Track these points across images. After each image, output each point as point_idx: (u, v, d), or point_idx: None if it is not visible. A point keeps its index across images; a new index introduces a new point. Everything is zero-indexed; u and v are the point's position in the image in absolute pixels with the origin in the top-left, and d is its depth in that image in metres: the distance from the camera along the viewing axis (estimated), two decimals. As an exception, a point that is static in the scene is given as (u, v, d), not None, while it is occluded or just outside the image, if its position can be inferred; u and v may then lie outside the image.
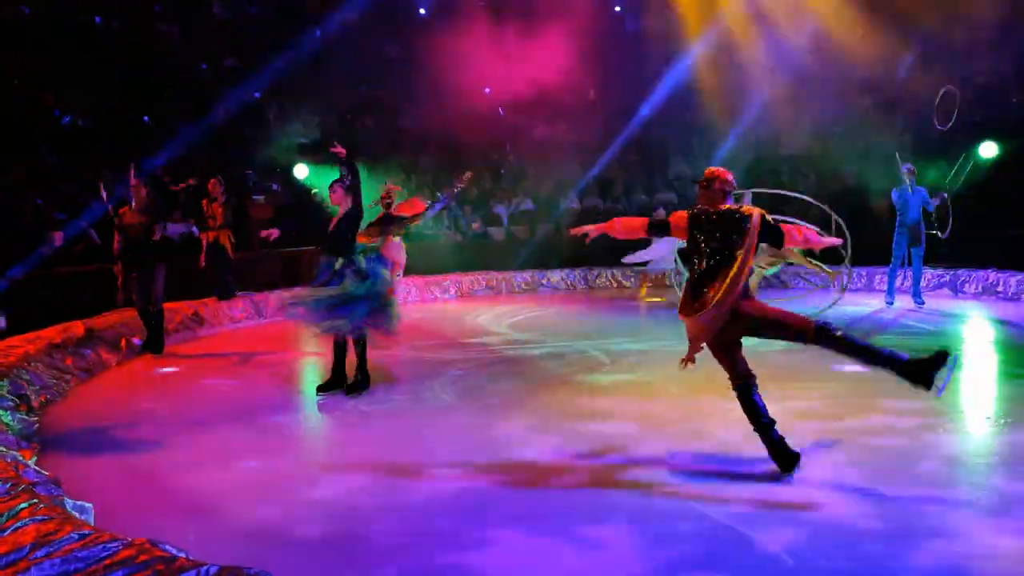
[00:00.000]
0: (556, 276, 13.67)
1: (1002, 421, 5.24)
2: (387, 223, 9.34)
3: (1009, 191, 11.83)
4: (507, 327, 9.63)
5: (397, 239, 10.11)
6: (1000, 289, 10.87)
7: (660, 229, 4.52)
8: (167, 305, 8.46)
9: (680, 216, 4.37)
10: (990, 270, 11.12)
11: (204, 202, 10.20)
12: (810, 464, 4.32)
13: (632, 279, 13.66)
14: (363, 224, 6.60)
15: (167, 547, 2.76)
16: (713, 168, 4.39)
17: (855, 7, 13.70)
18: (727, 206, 4.27)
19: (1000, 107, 13.29)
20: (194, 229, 9.06)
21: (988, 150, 12.07)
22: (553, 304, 11.71)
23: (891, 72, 14.21)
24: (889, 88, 14.43)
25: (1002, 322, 9.18)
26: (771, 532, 3.50)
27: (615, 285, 13.58)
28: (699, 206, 4.30)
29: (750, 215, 4.17)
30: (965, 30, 12.53)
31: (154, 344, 8.08)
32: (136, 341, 8.06)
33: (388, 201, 10.32)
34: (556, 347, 8.15)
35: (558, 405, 5.87)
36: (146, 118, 13.44)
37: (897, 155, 10.26)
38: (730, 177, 4.32)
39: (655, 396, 6.08)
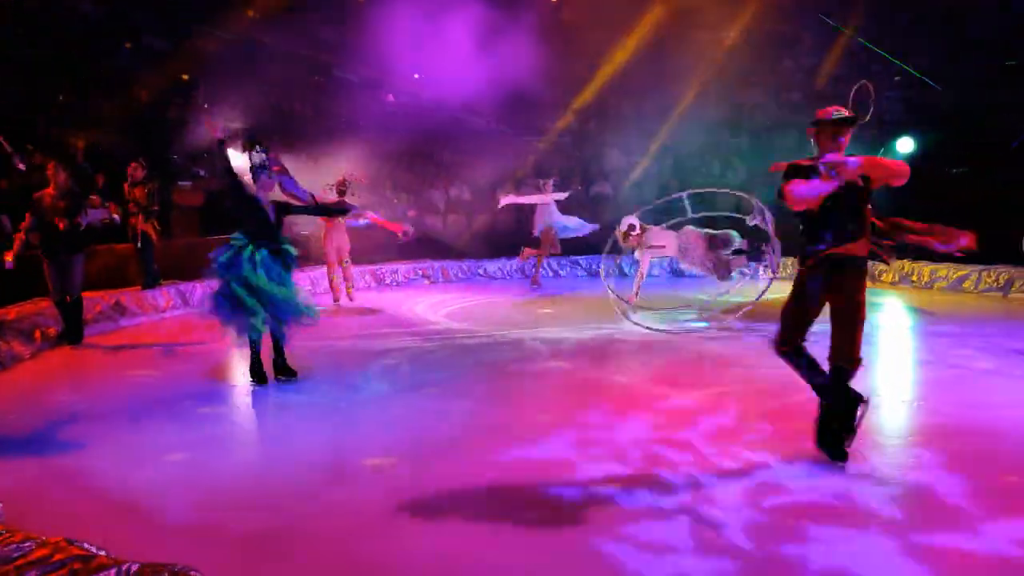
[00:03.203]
0: (492, 266, 13.67)
1: (916, 404, 5.52)
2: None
3: (923, 185, 12.39)
4: (443, 316, 9.58)
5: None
6: (915, 278, 11.48)
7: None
8: (86, 294, 8.10)
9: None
10: (905, 259, 11.70)
11: (125, 186, 9.78)
12: (755, 447, 4.45)
13: (568, 268, 13.77)
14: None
15: (84, 545, 2.64)
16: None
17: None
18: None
19: (917, 104, 13.91)
20: (115, 217, 8.66)
21: (904, 145, 12.63)
22: (489, 293, 11.71)
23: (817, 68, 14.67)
24: (814, 84, 14.91)
25: (916, 309, 9.66)
26: (719, 514, 3.59)
27: (551, 274, 13.66)
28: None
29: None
30: (886, 29, 13.08)
31: (72, 335, 7.73)
32: (53, 332, 7.69)
33: (343, 188, 10.18)
34: (492, 336, 8.16)
35: (494, 394, 5.87)
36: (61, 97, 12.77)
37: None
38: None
39: (592, 385, 6.15)
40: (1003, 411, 5.19)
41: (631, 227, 9.40)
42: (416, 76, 15.44)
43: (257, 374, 6.11)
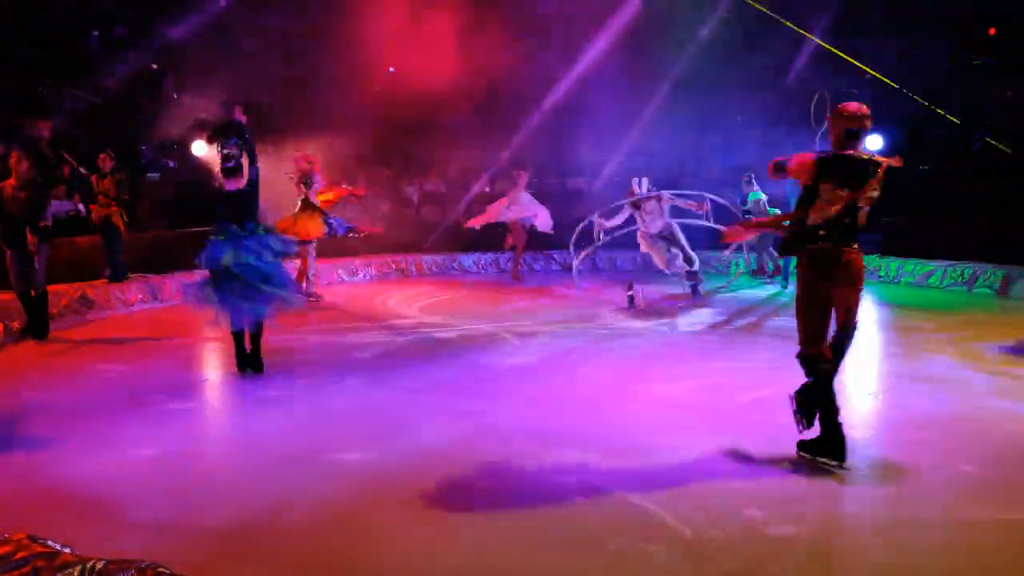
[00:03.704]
0: (467, 260, 13.64)
1: (880, 396, 5.63)
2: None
3: (889, 182, 12.61)
4: (417, 310, 9.55)
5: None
6: (882, 273, 11.70)
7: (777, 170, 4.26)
8: (51, 287, 7.95)
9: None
10: (873, 255, 11.91)
11: (94, 178, 9.61)
12: (705, 438, 4.52)
13: (542, 261, 13.80)
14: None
15: (48, 542, 2.60)
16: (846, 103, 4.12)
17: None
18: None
19: (884, 102, 14.12)
20: (80, 207, 8.50)
21: (873, 143, 12.82)
22: (463, 287, 11.69)
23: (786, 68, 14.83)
24: (785, 83, 15.07)
25: (882, 303, 9.83)
26: (665, 502, 3.64)
27: (525, 268, 13.66)
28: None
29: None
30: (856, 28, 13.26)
31: (37, 329, 7.59)
32: (16, 326, 7.54)
33: (307, 169, 10.01)
34: (466, 330, 8.15)
35: (468, 387, 5.88)
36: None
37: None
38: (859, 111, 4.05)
39: (564, 377, 6.18)
40: (965, 403, 5.31)
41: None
42: (391, 70, 15.32)
43: (241, 362, 6.17)
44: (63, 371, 6.58)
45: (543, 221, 12.09)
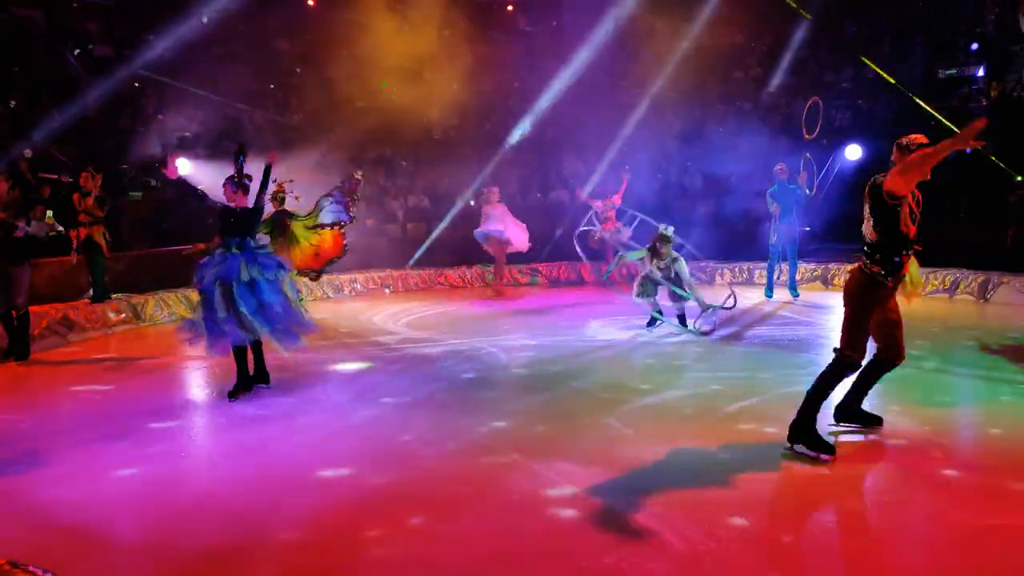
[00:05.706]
0: (453, 274, 13.63)
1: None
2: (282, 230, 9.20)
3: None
4: (403, 326, 9.52)
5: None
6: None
7: None
8: (33, 308, 7.85)
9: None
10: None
11: (75, 196, 9.51)
12: (694, 448, 4.53)
13: (529, 275, 13.82)
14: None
15: (30, 568, 2.55)
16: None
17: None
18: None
19: (864, 112, 14.32)
20: (59, 228, 8.41)
21: (853, 153, 12.97)
22: (450, 302, 11.67)
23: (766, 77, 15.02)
24: (763, 94, 15.24)
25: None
26: (658, 515, 3.63)
27: (512, 281, 13.68)
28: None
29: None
30: (831, 40, 13.45)
31: (18, 350, 7.48)
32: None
33: (281, 196, 9.98)
34: (453, 345, 8.13)
35: (454, 403, 5.86)
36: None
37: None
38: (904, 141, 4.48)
39: (551, 390, 6.17)
40: (950, 407, 5.35)
41: None
42: (384, 84, 15.34)
43: (241, 385, 6.03)
44: (44, 393, 6.50)
45: (517, 239, 12.05)
